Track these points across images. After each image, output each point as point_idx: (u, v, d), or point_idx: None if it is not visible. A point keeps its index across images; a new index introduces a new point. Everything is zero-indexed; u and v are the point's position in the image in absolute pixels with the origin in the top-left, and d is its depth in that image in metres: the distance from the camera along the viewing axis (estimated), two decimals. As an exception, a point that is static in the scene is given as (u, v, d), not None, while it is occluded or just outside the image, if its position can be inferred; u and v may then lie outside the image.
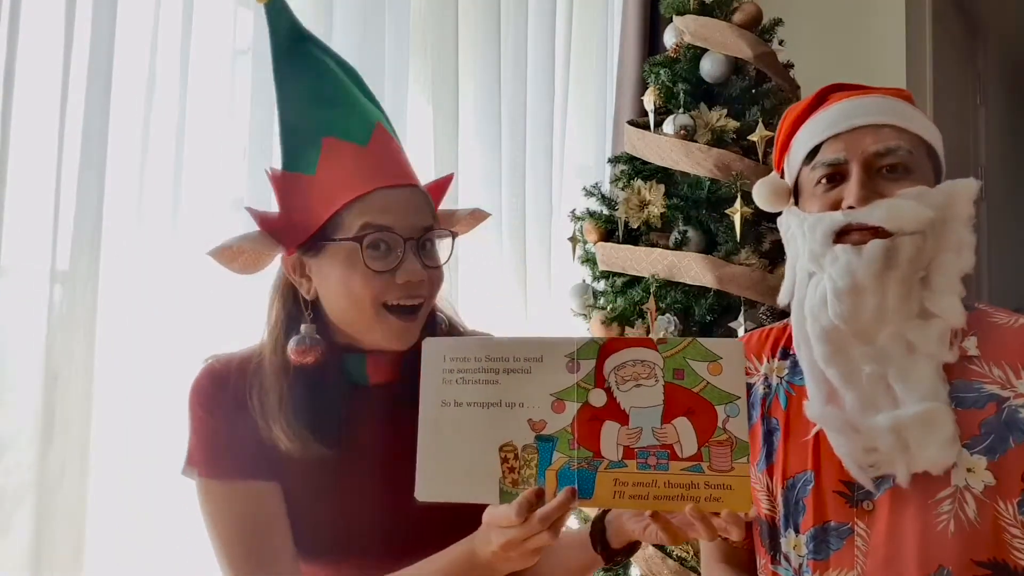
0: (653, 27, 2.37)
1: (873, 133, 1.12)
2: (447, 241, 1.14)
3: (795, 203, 1.21)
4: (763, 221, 1.89)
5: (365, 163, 1.07)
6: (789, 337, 1.22)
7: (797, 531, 1.13)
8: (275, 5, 1.12)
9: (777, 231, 1.24)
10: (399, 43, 1.92)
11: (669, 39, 2.13)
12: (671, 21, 2.12)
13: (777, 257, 1.86)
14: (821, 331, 1.10)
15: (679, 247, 1.93)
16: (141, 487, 1.45)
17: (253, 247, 1.08)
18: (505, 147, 2.17)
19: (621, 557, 1.10)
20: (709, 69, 2.02)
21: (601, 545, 1.09)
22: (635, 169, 2.05)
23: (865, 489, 1.08)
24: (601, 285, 2.10)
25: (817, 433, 1.12)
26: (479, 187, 2.12)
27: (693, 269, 1.88)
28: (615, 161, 2.13)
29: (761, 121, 1.92)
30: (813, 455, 1.13)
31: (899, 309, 1.07)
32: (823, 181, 1.14)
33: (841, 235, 1.09)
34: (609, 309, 2.00)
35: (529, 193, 2.25)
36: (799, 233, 1.15)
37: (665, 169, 2.00)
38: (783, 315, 1.29)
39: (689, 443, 0.91)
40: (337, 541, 1.08)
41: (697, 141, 1.96)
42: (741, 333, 1.77)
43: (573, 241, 2.16)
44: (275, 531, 1.05)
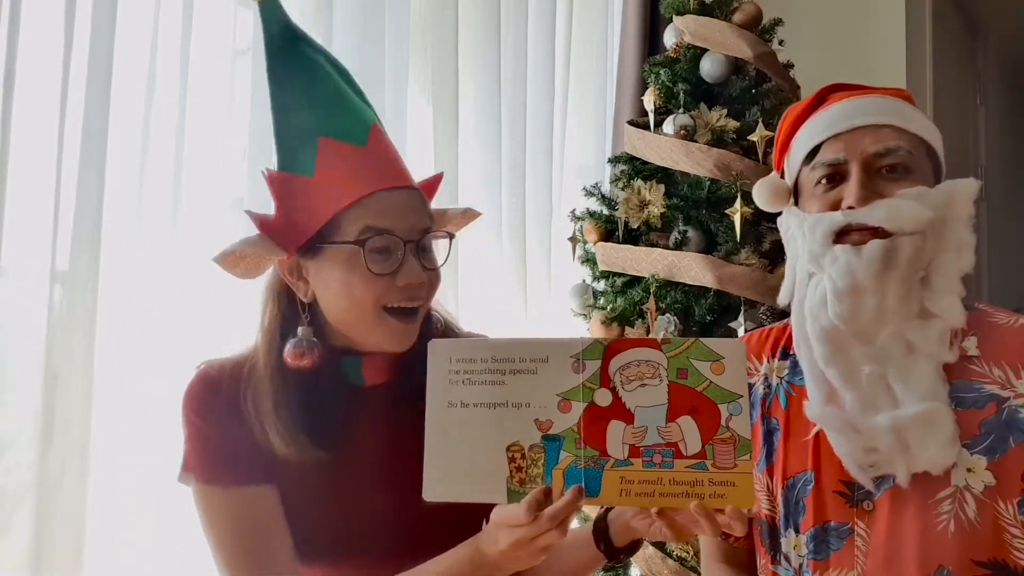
0: (653, 27, 2.37)
1: (873, 133, 1.12)
2: (443, 242, 1.14)
3: (795, 203, 1.21)
4: (763, 221, 1.89)
5: (364, 164, 1.07)
6: (789, 337, 1.22)
7: (797, 531, 1.13)
8: (269, 3, 1.11)
9: (777, 231, 1.24)
10: (399, 43, 1.92)
11: (669, 39, 2.13)
12: (671, 21, 2.12)
13: (777, 257, 1.86)
14: (821, 331, 1.10)
15: (679, 247, 1.93)
16: (141, 487, 1.45)
17: (254, 251, 1.07)
18: (505, 147, 2.17)
19: (623, 555, 1.11)
20: (709, 69, 2.02)
21: (604, 543, 1.09)
22: (635, 169, 2.05)
23: (865, 489, 1.08)
24: (601, 285, 2.09)
25: (817, 433, 1.12)
26: (479, 187, 2.12)
27: (693, 269, 1.87)
28: (615, 161, 2.13)
29: (761, 121, 1.92)
30: (813, 455, 1.13)
31: (899, 309, 1.07)
32: (823, 181, 1.14)
33: (841, 235, 1.09)
34: (609, 309, 2.00)
35: (529, 193, 2.24)
36: (799, 233, 1.15)
37: (665, 169, 2.00)
38: (783, 315, 1.29)
39: (693, 441, 0.92)
40: (336, 543, 1.08)
41: (697, 141, 1.96)
42: (741, 333, 1.76)
43: (573, 241, 2.15)
44: (274, 535, 1.05)
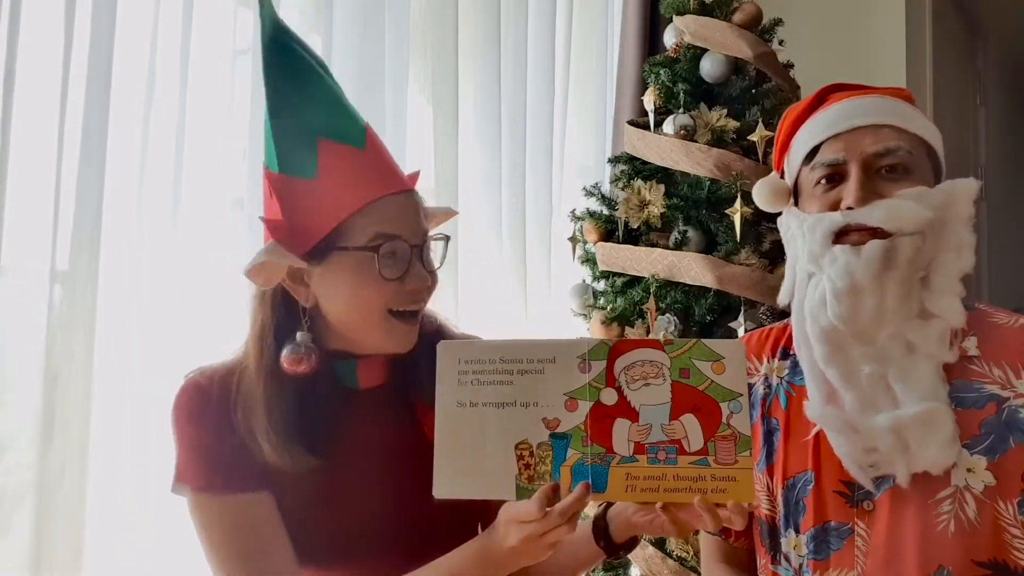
0: (653, 27, 2.37)
1: (872, 133, 1.12)
2: (437, 242, 1.14)
3: (795, 203, 1.21)
4: (763, 221, 1.89)
5: (366, 168, 1.07)
6: (789, 337, 1.21)
7: (797, 531, 1.13)
8: (265, 3, 1.10)
9: (777, 231, 1.24)
10: (399, 43, 1.92)
11: (669, 39, 2.13)
12: (671, 21, 2.12)
13: (777, 257, 1.86)
14: (820, 332, 1.10)
15: (679, 247, 1.93)
16: (141, 487, 1.45)
17: (270, 259, 1.05)
18: (505, 147, 2.17)
19: (623, 551, 1.12)
20: (709, 69, 2.02)
21: (604, 540, 1.11)
22: (635, 169, 2.05)
23: (865, 489, 1.08)
24: (601, 285, 2.09)
25: (817, 433, 1.12)
26: (479, 187, 2.12)
27: (693, 269, 1.88)
28: (615, 161, 2.13)
29: (761, 121, 1.92)
30: (813, 455, 1.13)
31: (898, 309, 1.07)
32: (822, 182, 1.14)
33: (840, 236, 1.09)
34: (609, 309, 2.00)
35: (529, 193, 2.24)
36: (799, 234, 1.15)
37: (665, 169, 2.00)
38: (783, 315, 1.29)
39: (696, 438, 0.94)
40: (335, 547, 1.07)
41: (697, 141, 1.96)
42: (741, 333, 1.76)
43: (573, 241, 2.15)
44: (272, 542, 1.04)
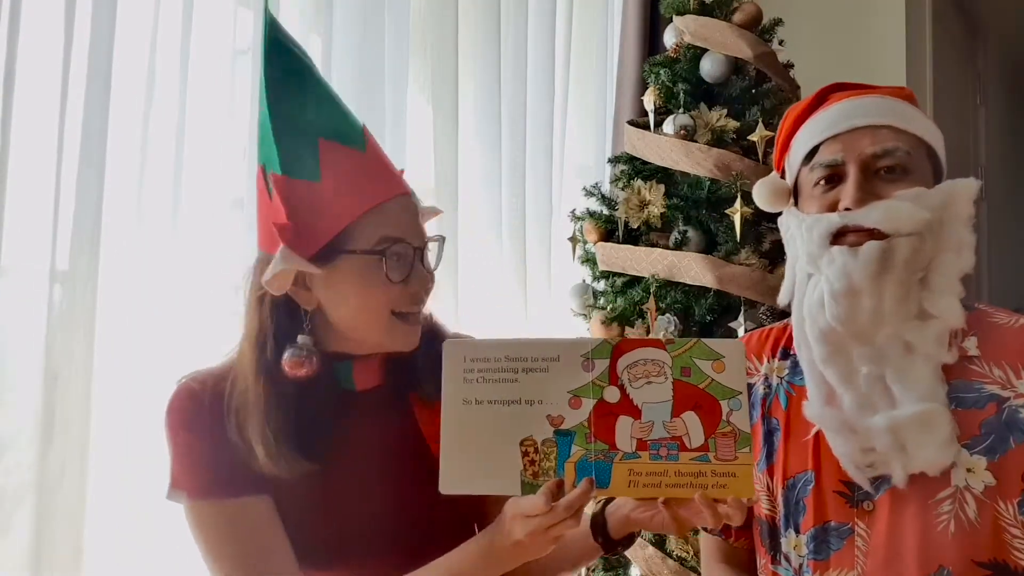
0: (653, 27, 2.37)
1: (871, 134, 1.12)
2: (434, 244, 1.14)
3: (795, 203, 1.21)
4: (763, 221, 1.89)
5: (369, 171, 1.07)
6: (789, 337, 1.21)
7: (797, 531, 1.13)
8: (266, 4, 1.09)
9: (777, 231, 1.24)
10: (399, 43, 1.92)
11: (669, 39, 2.13)
12: (671, 21, 2.12)
13: (777, 257, 1.86)
14: (819, 332, 1.10)
15: (679, 247, 1.93)
16: (141, 487, 1.44)
17: (287, 266, 1.03)
18: (505, 147, 2.17)
19: (621, 547, 1.13)
20: (709, 69, 2.02)
21: (602, 536, 1.12)
22: (635, 169, 2.05)
23: (865, 489, 1.08)
24: (601, 285, 2.10)
25: (817, 433, 1.12)
26: (479, 187, 2.12)
27: (693, 269, 1.88)
28: (615, 161, 2.13)
29: (761, 121, 1.92)
30: (813, 455, 1.13)
31: (896, 311, 1.07)
32: (821, 182, 1.14)
33: (838, 237, 1.09)
34: (609, 309, 2.00)
35: (529, 193, 2.24)
36: (797, 234, 1.15)
37: (665, 169, 2.00)
38: (783, 315, 1.29)
39: (697, 435, 0.96)
40: (336, 548, 1.07)
41: (697, 141, 1.96)
42: (741, 333, 1.76)
43: (573, 241, 2.16)
44: (273, 546, 1.04)
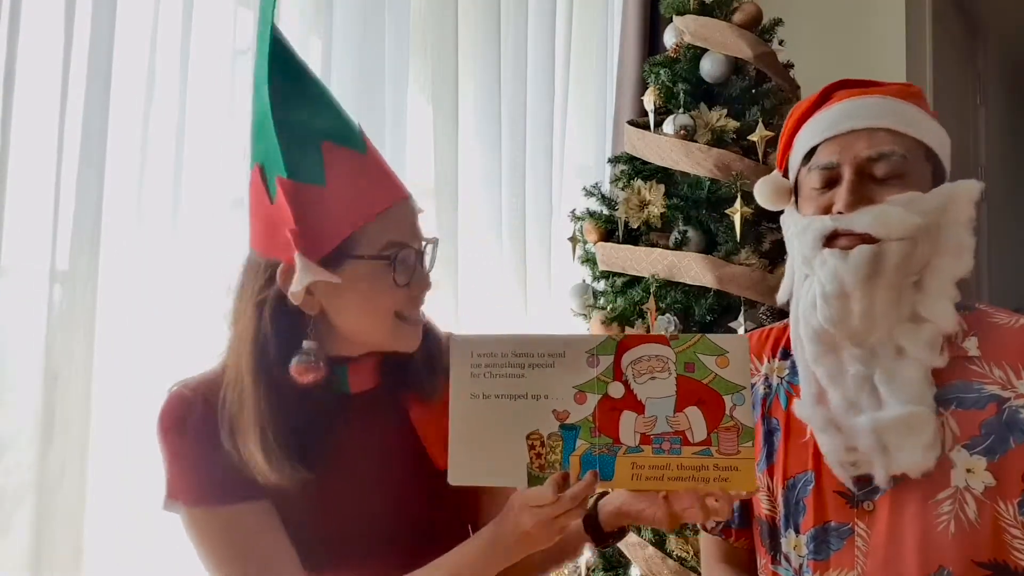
0: (653, 27, 2.37)
1: (868, 137, 1.11)
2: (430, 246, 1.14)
3: (796, 202, 1.21)
4: (763, 221, 1.89)
5: (372, 174, 1.06)
6: (789, 337, 1.21)
7: (797, 531, 1.13)
8: (266, 5, 1.08)
9: (777, 231, 1.24)
10: (399, 43, 1.92)
11: (669, 39, 2.13)
12: (671, 21, 2.12)
13: (777, 257, 1.86)
14: (812, 332, 1.11)
15: (679, 247, 1.93)
16: (141, 487, 1.44)
17: (310, 278, 1.00)
18: (505, 147, 2.17)
19: (612, 540, 1.15)
20: (709, 69, 2.02)
21: (593, 528, 1.13)
22: (635, 169, 2.05)
23: (865, 489, 1.08)
24: (601, 285, 2.09)
25: (817, 433, 1.13)
26: (479, 187, 2.12)
27: (693, 269, 1.88)
28: (615, 161, 2.13)
29: (761, 121, 1.92)
30: (813, 455, 1.13)
31: (887, 314, 1.07)
32: (818, 184, 1.14)
33: (830, 240, 1.09)
34: (609, 309, 2.00)
35: (529, 193, 2.24)
36: (794, 235, 1.15)
37: (665, 169, 2.00)
38: (783, 315, 1.29)
39: (699, 429, 0.98)
40: (337, 550, 1.07)
41: (697, 141, 1.96)
42: (741, 333, 1.77)
43: (573, 241, 2.16)
44: (276, 550, 1.03)
